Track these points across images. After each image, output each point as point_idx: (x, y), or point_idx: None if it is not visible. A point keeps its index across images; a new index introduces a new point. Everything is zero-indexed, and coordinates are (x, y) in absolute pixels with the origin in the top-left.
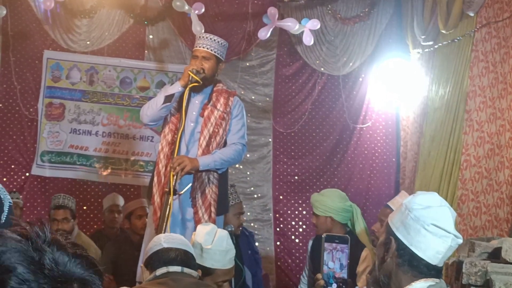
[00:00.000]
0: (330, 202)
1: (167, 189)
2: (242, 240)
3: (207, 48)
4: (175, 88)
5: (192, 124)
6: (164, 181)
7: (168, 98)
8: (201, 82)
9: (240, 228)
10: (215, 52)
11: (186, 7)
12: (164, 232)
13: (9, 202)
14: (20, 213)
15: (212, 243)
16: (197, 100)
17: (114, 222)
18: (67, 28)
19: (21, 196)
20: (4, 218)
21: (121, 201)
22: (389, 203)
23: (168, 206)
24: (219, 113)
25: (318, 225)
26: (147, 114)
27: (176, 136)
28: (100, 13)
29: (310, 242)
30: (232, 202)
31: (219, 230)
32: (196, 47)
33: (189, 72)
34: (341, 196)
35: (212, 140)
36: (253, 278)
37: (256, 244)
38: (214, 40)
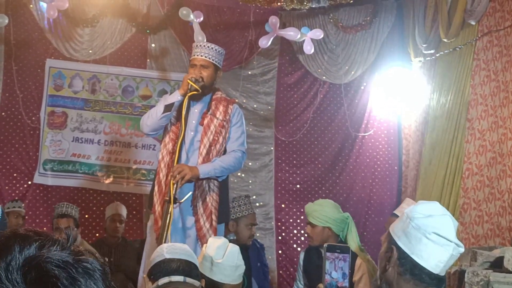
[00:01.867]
0: (329, 212)
1: (167, 198)
2: (252, 252)
3: (205, 57)
4: (175, 97)
5: (192, 133)
6: (165, 190)
7: (168, 108)
8: (200, 91)
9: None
10: (213, 60)
11: (191, 16)
12: (165, 241)
13: (0, 206)
14: (23, 222)
15: (223, 258)
16: (196, 109)
17: (116, 231)
18: (69, 37)
19: (23, 204)
20: None
21: (123, 210)
22: (395, 212)
23: (169, 215)
24: (219, 121)
25: (314, 235)
26: (147, 124)
27: (176, 145)
28: (102, 22)
29: (302, 255)
30: (245, 213)
31: (231, 245)
32: (194, 55)
33: (188, 81)
34: (337, 206)
35: (212, 148)
36: None
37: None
38: (212, 48)
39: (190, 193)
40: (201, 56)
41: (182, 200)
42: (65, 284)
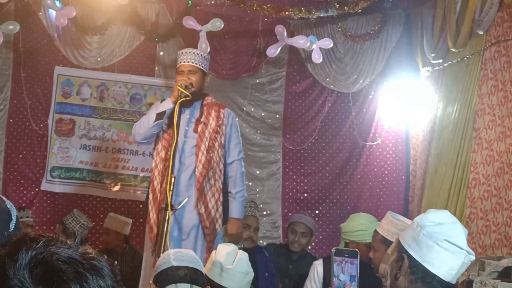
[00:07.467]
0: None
1: (163, 206)
2: (259, 261)
3: (192, 62)
4: (166, 105)
5: (185, 139)
6: (160, 198)
7: (160, 116)
8: (191, 97)
9: (256, 246)
10: (199, 65)
11: (220, 26)
12: (163, 248)
13: (15, 212)
14: (31, 231)
15: (233, 264)
16: (187, 115)
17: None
18: (78, 45)
19: (30, 212)
20: (13, 226)
21: (108, 223)
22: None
23: (166, 222)
24: (212, 127)
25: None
26: (139, 133)
27: (169, 152)
28: (111, 29)
29: (321, 266)
30: (248, 214)
31: (240, 252)
32: (180, 62)
33: (178, 87)
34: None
35: (211, 154)
36: None
37: None
38: (197, 53)
39: (186, 199)
40: (188, 62)
41: (179, 207)
42: (70, 278)
